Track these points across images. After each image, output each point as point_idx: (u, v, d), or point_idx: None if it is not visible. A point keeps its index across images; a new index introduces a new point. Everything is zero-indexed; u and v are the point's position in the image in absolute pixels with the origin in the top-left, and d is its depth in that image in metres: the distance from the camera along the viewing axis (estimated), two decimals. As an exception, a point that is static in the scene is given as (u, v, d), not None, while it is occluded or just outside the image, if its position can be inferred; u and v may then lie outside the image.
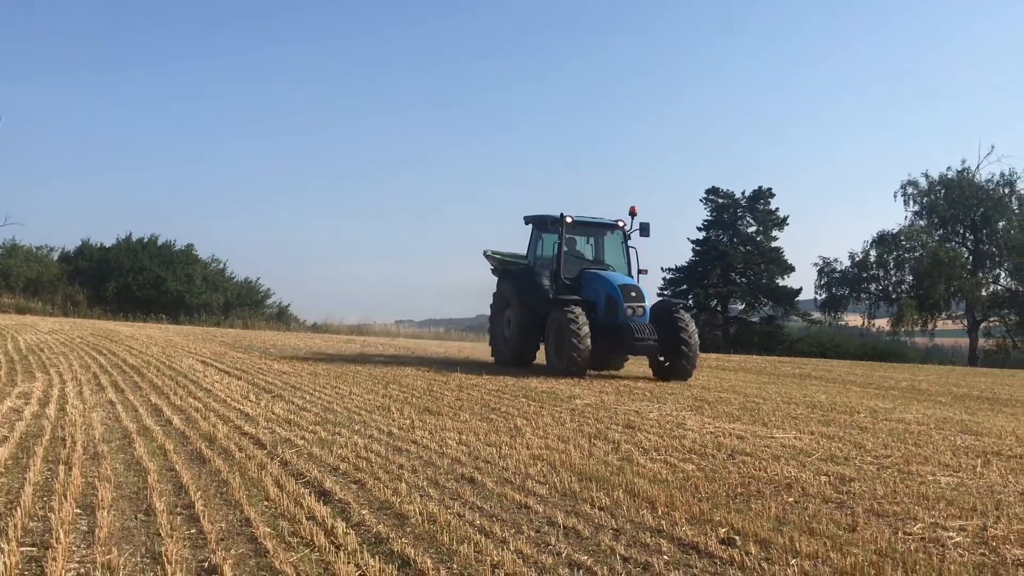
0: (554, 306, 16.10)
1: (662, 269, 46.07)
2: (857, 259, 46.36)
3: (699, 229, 46.40)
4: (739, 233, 45.93)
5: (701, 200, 46.30)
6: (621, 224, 17.71)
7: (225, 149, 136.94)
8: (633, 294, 16.07)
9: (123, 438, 7.76)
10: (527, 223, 18.31)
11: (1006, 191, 45.01)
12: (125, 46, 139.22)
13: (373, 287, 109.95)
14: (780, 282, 45.07)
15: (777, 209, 45.52)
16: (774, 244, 45.40)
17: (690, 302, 43.27)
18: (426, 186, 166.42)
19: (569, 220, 16.92)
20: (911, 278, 45.11)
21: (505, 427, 9.17)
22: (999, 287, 45.60)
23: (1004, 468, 7.65)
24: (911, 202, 46.38)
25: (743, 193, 45.85)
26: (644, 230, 17.42)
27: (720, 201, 45.96)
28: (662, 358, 16.34)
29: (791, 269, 45.00)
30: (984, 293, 44.24)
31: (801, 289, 45.18)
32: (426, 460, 7.17)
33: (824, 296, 46.67)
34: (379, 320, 48.92)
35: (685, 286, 45.52)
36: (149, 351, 18.68)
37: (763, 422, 10.33)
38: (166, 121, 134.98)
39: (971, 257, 45.45)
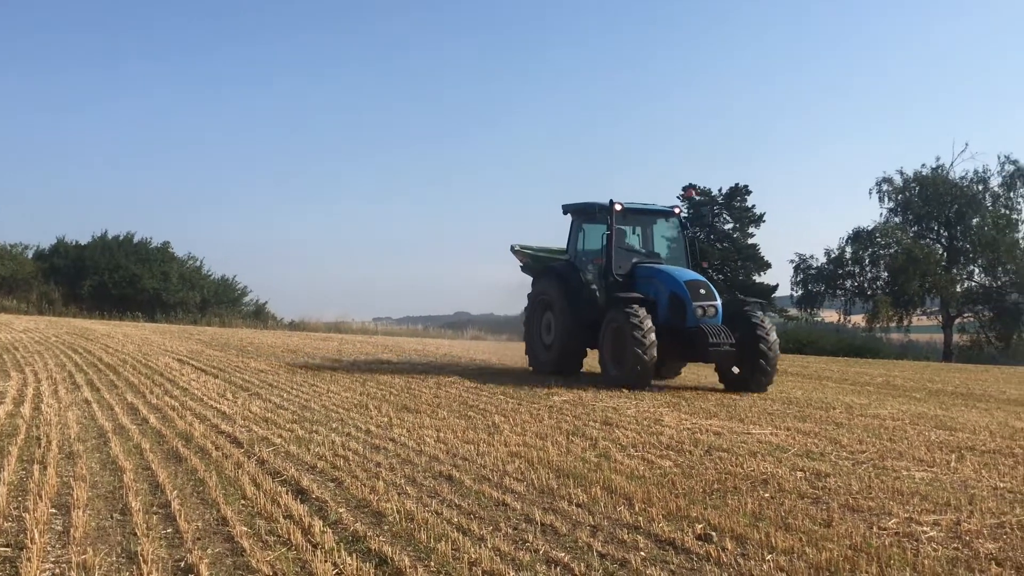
0: (611, 307, 14.06)
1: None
2: (833, 256, 46.64)
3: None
4: (716, 230, 46.17)
5: (678, 197, 46.51)
6: (677, 211, 15.95)
7: (201, 146, 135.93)
8: (703, 291, 14.02)
9: (99, 437, 7.70)
10: (566, 212, 16.25)
11: (980, 188, 45.46)
12: (100, 43, 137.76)
13: (350, 284, 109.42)
14: (757, 279, 45.24)
15: (754, 206, 45.75)
16: (751, 241, 45.69)
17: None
18: (410, 181, 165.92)
19: (619, 208, 14.83)
20: (886, 274, 45.42)
21: (483, 424, 9.19)
22: (973, 283, 46.06)
23: (978, 463, 7.75)
24: (886, 199, 46.73)
25: (720, 190, 46.04)
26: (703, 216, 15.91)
27: (697, 198, 46.19)
28: (734, 367, 14.30)
29: (767, 266, 45.30)
30: (958, 289, 44.68)
31: (778, 286, 45.44)
32: (404, 458, 7.17)
33: (800, 292, 46.94)
34: (356, 317, 48.52)
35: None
36: (125, 349, 18.52)
37: (739, 418, 10.41)
38: (143, 118, 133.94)
39: (945, 253, 45.85)
